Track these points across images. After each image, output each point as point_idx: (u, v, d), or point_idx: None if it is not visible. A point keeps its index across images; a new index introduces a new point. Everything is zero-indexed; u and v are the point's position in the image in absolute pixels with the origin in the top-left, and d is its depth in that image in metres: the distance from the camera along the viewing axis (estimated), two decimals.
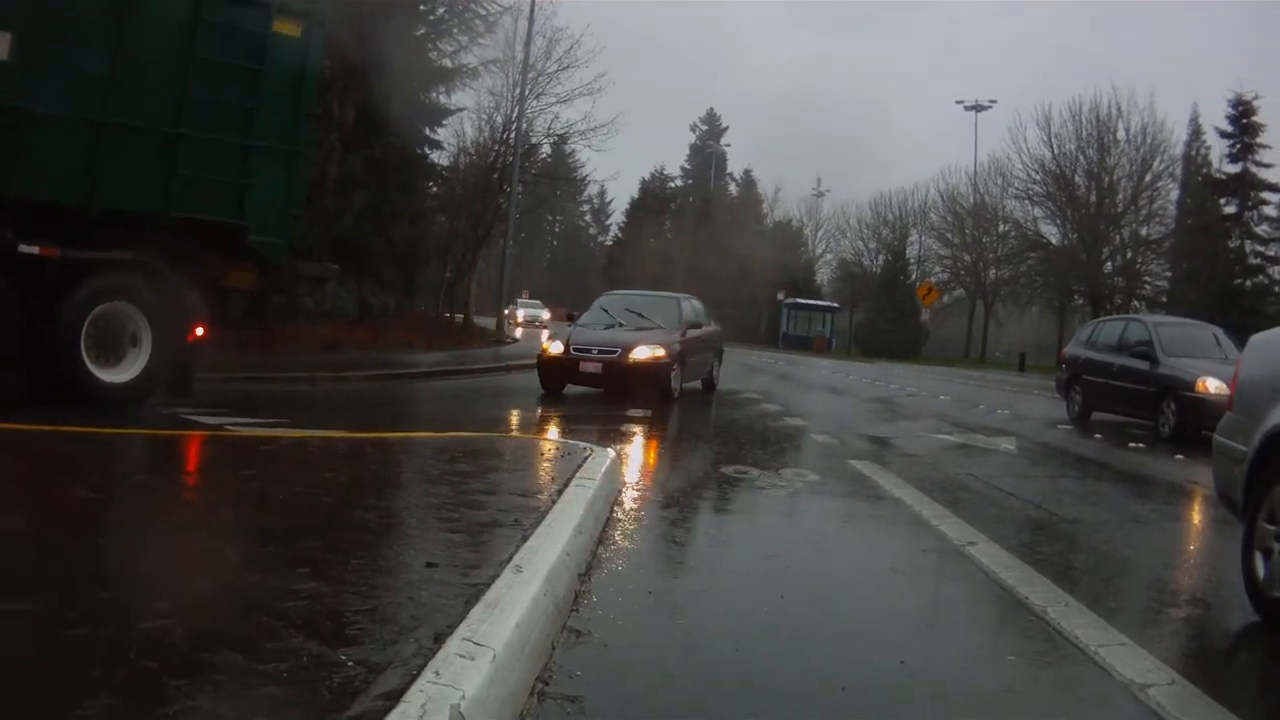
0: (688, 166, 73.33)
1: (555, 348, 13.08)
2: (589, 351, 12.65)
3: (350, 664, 2.66)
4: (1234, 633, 4.43)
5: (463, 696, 2.45)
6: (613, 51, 64.44)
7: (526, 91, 26.78)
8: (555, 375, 12.95)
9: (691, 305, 14.87)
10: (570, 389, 13.07)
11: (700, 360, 14.43)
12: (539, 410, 11.27)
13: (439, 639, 2.85)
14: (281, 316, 15.33)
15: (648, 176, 66.07)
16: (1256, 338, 5.26)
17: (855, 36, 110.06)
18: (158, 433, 7.25)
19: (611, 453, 6.99)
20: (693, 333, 14.00)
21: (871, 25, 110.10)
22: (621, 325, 13.54)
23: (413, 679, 2.53)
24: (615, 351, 12.56)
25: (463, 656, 2.70)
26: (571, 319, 14.96)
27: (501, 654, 2.79)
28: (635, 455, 7.86)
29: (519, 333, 33.40)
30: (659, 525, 5.72)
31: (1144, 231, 40.23)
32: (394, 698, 2.42)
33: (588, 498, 5.15)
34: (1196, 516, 7.48)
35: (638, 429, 9.62)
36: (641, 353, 12.53)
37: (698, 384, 14.89)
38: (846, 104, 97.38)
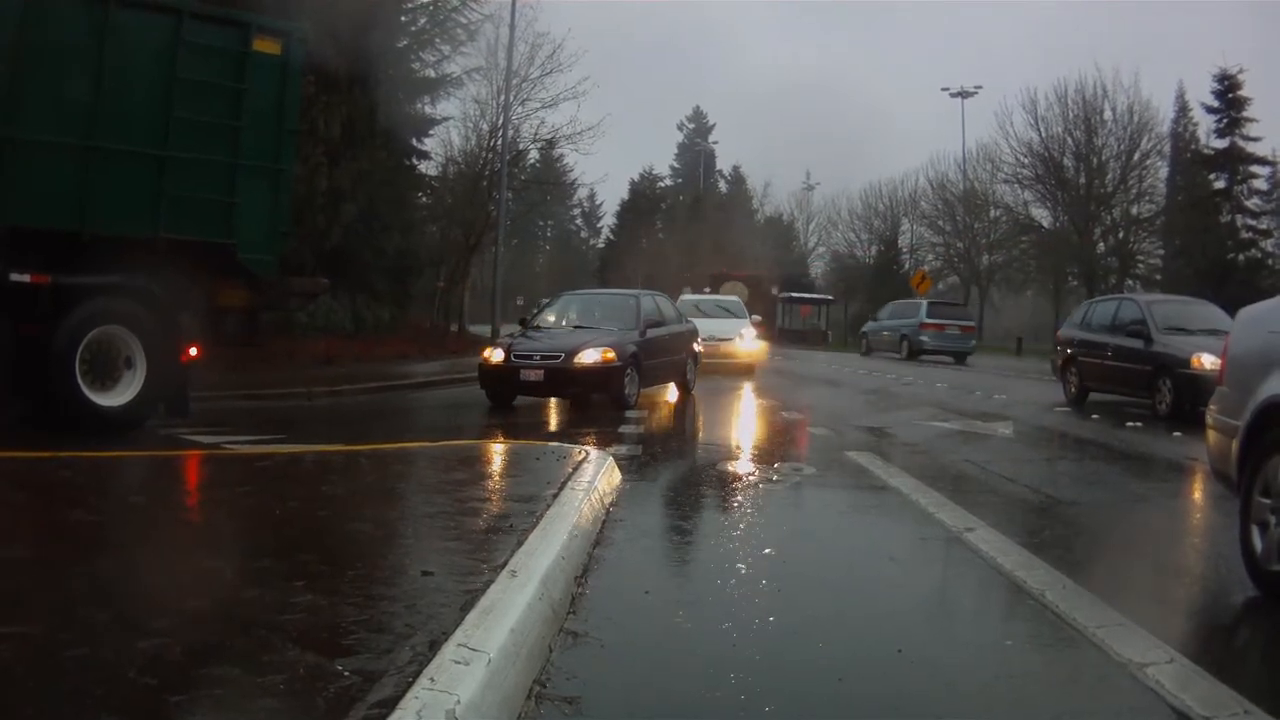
0: (676, 166, 73.26)
1: (496, 355, 11.67)
2: (531, 358, 11.34)
3: (346, 673, 2.68)
4: (1233, 608, 4.44)
5: (458, 701, 2.47)
6: (595, 55, 64.32)
7: (511, 98, 26.80)
8: (498, 386, 11.65)
9: (654, 302, 13.68)
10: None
11: (668, 362, 13.05)
12: (534, 415, 11.27)
13: (434, 646, 2.87)
14: (276, 333, 15.32)
15: (637, 177, 66.21)
16: (1244, 312, 5.28)
17: (837, 29, 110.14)
18: (155, 454, 7.26)
19: (607, 454, 7.00)
20: (654, 332, 12.63)
21: (853, 16, 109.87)
22: (576, 327, 12.41)
23: (408, 686, 2.55)
24: (559, 357, 11.24)
25: (458, 662, 2.72)
26: (524, 324, 13.55)
27: (497, 658, 2.81)
28: (631, 455, 7.86)
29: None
30: (656, 524, 5.75)
31: (1135, 210, 40.16)
32: (390, 705, 2.44)
33: (583, 500, 5.17)
34: (1195, 494, 7.48)
35: (634, 429, 9.62)
36: (588, 356, 11.23)
37: (669, 388, 13.86)
38: (832, 96, 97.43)
